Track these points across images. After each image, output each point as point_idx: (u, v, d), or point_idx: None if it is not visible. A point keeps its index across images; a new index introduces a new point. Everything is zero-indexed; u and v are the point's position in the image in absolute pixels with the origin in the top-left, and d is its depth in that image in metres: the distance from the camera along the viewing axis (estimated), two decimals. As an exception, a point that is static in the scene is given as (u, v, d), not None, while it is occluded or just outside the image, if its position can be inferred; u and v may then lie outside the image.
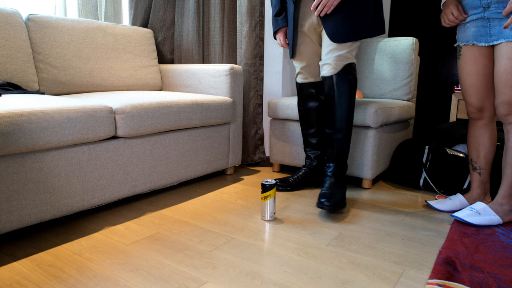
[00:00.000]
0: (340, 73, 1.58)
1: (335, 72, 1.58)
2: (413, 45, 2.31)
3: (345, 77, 1.58)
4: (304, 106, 1.83)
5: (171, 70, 2.28)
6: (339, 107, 1.59)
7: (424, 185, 1.89)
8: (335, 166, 1.63)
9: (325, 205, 1.47)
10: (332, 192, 1.52)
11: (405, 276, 1.06)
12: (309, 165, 1.88)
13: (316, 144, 1.85)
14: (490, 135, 1.54)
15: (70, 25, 1.87)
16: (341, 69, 1.58)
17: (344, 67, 1.58)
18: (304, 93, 1.81)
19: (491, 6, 1.35)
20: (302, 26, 1.71)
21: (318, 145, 1.86)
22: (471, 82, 1.49)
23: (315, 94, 1.80)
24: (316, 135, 1.84)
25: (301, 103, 1.84)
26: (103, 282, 1.00)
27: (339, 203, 1.50)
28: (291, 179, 1.83)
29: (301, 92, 1.82)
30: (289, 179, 1.83)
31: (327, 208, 1.47)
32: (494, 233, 1.35)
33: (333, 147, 1.63)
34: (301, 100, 1.83)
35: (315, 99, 1.81)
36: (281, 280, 1.03)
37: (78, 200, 1.33)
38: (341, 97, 1.59)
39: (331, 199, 1.48)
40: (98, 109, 1.35)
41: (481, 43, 1.41)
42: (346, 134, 1.62)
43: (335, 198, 1.50)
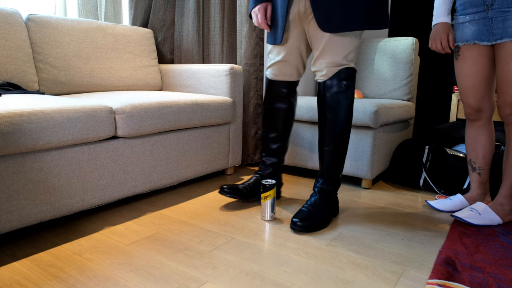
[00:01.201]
0: (333, 78, 1.37)
1: (327, 78, 1.38)
2: (413, 45, 2.31)
3: (339, 83, 1.37)
4: (270, 105, 1.58)
5: (171, 70, 2.28)
6: (330, 117, 1.40)
7: (424, 185, 1.89)
8: (322, 182, 1.45)
9: (296, 225, 1.33)
10: (310, 212, 1.37)
11: (405, 276, 1.06)
12: (262, 172, 1.65)
13: (276, 150, 1.62)
14: (488, 136, 1.53)
15: (70, 25, 1.87)
16: (333, 75, 1.37)
17: (337, 72, 1.37)
18: (273, 91, 1.56)
19: (494, 4, 1.34)
20: (287, 14, 1.43)
21: (277, 152, 1.63)
22: (470, 83, 1.48)
23: (286, 95, 1.56)
24: (278, 141, 1.61)
25: (268, 102, 1.59)
26: (103, 282, 1.00)
27: (316, 225, 1.35)
28: (241, 187, 1.59)
29: (270, 89, 1.57)
30: (239, 187, 1.58)
31: (297, 229, 1.33)
32: (494, 233, 1.35)
33: (322, 159, 1.45)
34: (269, 98, 1.59)
35: (285, 101, 1.57)
36: (281, 280, 1.03)
37: (78, 200, 1.33)
38: (333, 105, 1.39)
39: (306, 220, 1.34)
40: (98, 109, 1.35)
41: (483, 42, 1.40)
42: (337, 148, 1.42)
43: (312, 220, 1.35)
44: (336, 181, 1.47)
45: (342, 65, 1.36)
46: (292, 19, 1.43)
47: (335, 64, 1.36)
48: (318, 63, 1.39)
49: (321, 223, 1.37)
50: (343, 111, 1.39)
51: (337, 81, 1.36)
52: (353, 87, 1.40)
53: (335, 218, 1.51)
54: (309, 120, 2.02)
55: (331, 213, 1.45)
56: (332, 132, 1.40)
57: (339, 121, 1.39)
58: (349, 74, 1.37)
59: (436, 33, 1.48)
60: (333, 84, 1.37)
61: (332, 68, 1.36)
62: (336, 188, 1.48)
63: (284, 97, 1.56)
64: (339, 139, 1.41)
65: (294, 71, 1.52)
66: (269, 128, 1.60)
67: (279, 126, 1.59)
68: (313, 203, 1.41)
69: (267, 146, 1.63)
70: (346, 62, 1.37)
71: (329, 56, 1.36)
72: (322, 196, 1.44)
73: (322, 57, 1.37)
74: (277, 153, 1.63)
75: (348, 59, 1.37)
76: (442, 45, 1.47)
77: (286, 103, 1.57)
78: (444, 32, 1.46)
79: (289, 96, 1.56)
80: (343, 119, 1.39)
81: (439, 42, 1.48)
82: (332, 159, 1.43)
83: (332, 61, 1.36)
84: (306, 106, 2.01)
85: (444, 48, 1.48)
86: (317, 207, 1.40)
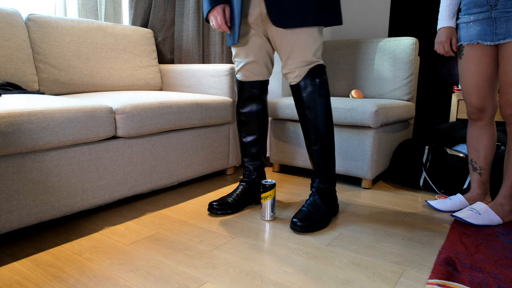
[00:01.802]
0: (306, 78, 1.36)
1: (301, 79, 1.37)
2: (413, 45, 2.31)
3: (312, 82, 1.36)
4: (244, 109, 1.56)
5: (171, 70, 2.28)
6: (311, 117, 1.39)
7: (424, 185, 1.89)
8: (319, 182, 1.45)
9: (296, 225, 1.33)
10: (310, 212, 1.37)
11: (405, 276, 1.06)
12: (248, 178, 1.62)
13: (257, 153, 1.61)
14: (490, 136, 1.53)
15: (70, 25, 1.87)
16: (306, 74, 1.36)
17: (309, 71, 1.36)
18: (246, 94, 1.54)
19: (498, 5, 1.34)
20: (248, 15, 1.41)
21: (258, 155, 1.61)
22: (473, 82, 1.48)
23: (259, 94, 1.55)
24: (257, 143, 1.59)
25: (241, 105, 1.57)
26: (103, 282, 1.00)
27: (316, 225, 1.36)
28: (229, 199, 1.54)
29: (242, 91, 1.55)
30: (228, 200, 1.54)
31: (297, 229, 1.33)
32: (494, 233, 1.35)
33: (313, 161, 1.45)
34: (242, 101, 1.56)
35: (258, 101, 1.56)
36: (281, 280, 1.03)
37: (78, 200, 1.33)
38: (312, 105, 1.38)
39: (305, 220, 1.34)
40: (98, 109, 1.35)
41: (487, 42, 1.41)
42: (325, 145, 1.42)
43: (312, 219, 1.35)
44: (332, 178, 1.47)
45: (312, 62, 1.36)
46: (254, 21, 1.41)
47: (306, 62, 1.35)
48: (289, 65, 1.38)
49: (321, 222, 1.37)
50: (322, 108, 1.38)
51: (310, 81, 1.36)
52: (327, 83, 1.39)
53: (335, 218, 1.51)
54: (309, 120, 2.02)
55: (331, 212, 1.45)
56: (316, 131, 1.40)
57: (320, 119, 1.39)
58: (320, 71, 1.37)
59: (440, 37, 1.52)
60: (307, 84, 1.37)
61: (304, 67, 1.36)
62: (333, 185, 1.47)
63: (257, 97, 1.55)
64: (324, 136, 1.41)
65: (264, 69, 1.51)
66: (246, 132, 1.59)
67: (256, 128, 1.58)
68: (312, 203, 1.41)
69: (248, 150, 1.60)
70: (316, 59, 1.36)
71: (298, 56, 1.35)
72: (321, 195, 1.44)
73: (291, 58, 1.36)
74: (259, 155, 1.62)
75: (317, 56, 1.37)
76: (444, 49, 1.50)
77: (260, 103, 1.56)
78: (447, 36, 1.50)
79: (261, 95, 1.56)
80: (323, 116, 1.39)
81: (442, 46, 1.51)
82: (323, 158, 1.43)
83: (302, 60, 1.35)
84: (306, 106, 2.01)
85: (447, 52, 1.51)
86: (317, 206, 1.40)
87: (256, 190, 1.62)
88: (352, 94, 2.35)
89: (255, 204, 1.64)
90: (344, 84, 2.59)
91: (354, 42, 2.55)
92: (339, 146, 1.96)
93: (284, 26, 1.30)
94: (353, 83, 2.55)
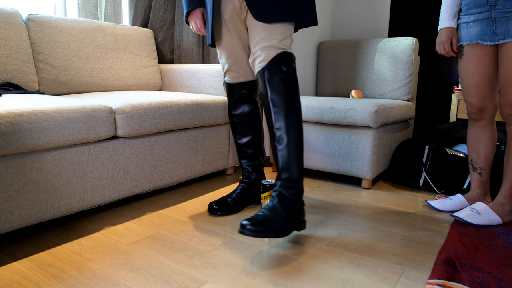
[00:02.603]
0: (271, 64, 1.26)
1: (265, 65, 1.27)
2: (413, 45, 2.31)
3: (277, 68, 1.25)
4: (236, 111, 1.54)
5: (171, 70, 2.28)
6: (275, 109, 1.25)
7: (424, 185, 1.89)
8: (280, 185, 1.23)
9: (245, 228, 1.09)
10: (266, 216, 1.14)
11: (405, 276, 1.06)
12: (248, 179, 1.59)
13: (254, 154, 1.58)
14: (490, 136, 1.54)
15: (70, 25, 1.87)
16: (271, 60, 1.26)
17: (275, 57, 1.26)
18: (235, 95, 1.52)
19: (498, 5, 1.35)
20: (223, 12, 1.37)
21: (255, 155, 1.59)
22: (473, 82, 1.49)
23: (249, 95, 1.51)
24: (253, 144, 1.56)
25: (233, 107, 1.54)
26: (103, 282, 1.00)
27: (271, 231, 1.12)
28: (229, 200, 1.52)
29: (231, 93, 1.52)
30: (227, 200, 1.51)
31: (246, 233, 1.09)
32: (494, 233, 1.35)
33: (276, 159, 1.27)
34: (233, 103, 1.53)
35: (249, 101, 1.53)
36: (281, 280, 1.03)
37: (78, 200, 1.33)
38: (276, 95, 1.25)
39: (257, 224, 1.10)
40: (98, 109, 1.35)
41: (487, 42, 1.41)
42: (290, 143, 1.23)
43: (265, 225, 1.11)
44: (298, 183, 1.24)
45: (279, 48, 1.28)
46: (229, 17, 1.38)
47: (272, 47, 1.27)
48: (254, 50, 1.30)
49: (276, 230, 1.13)
50: (289, 99, 1.25)
51: (276, 67, 1.26)
52: (294, 72, 1.28)
53: (335, 218, 1.51)
54: (309, 120, 2.02)
55: (293, 222, 1.19)
56: (281, 126, 1.24)
57: (286, 111, 1.24)
58: (287, 58, 1.28)
59: (441, 37, 1.52)
60: (273, 71, 1.26)
61: (269, 51, 1.27)
62: (299, 192, 1.24)
63: (248, 98, 1.52)
64: (290, 133, 1.24)
65: (248, 69, 1.48)
66: (240, 134, 1.56)
67: (251, 129, 1.55)
68: (270, 207, 1.19)
69: (244, 152, 1.58)
70: (283, 46, 1.29)
71: (264, 42, 1.28)
72: (281, 201, 1.20)
73: (258, 44, 1.29)
74: (256, 156, 1.59)
75: (285, 44, 1.30)
76: (445, 50, 1.50)
77: (251, 103, 1.53)
78: (447, 36, 1.50)
79: (252, 95, 1.52)
80: (290, 109, 1.25)
81: (443, 46, 1.52)
82: (287, 157, 1.23)
83: (268, 44, 1.27)
84: (306, 106, 2.01)
85: (448, 53, 1.52)
86: (275, 211, 1.17)
87: (256, 190, 1.60)
88: (352, 94, 2.35)
89: (255, 204, 1.63)
90: (344, 84, 2.59)
91: (354, 42, 2.55)
92: (339, 146, 1.96)
93: (266, 20, 1.26)
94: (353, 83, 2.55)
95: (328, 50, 2.65)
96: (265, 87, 1.27)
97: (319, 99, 2.04)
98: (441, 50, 1.53)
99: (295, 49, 2.49)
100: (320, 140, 2.02)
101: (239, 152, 1.60)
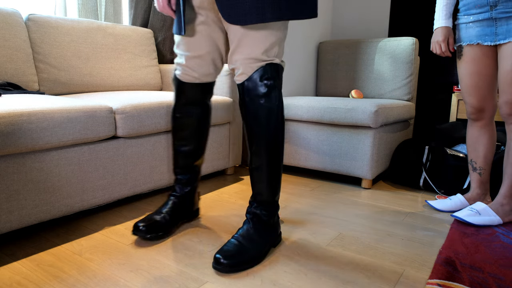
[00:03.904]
0: (252, 79, 1.08)
1: (245, 78, 1.10)
2: (413, 45, 2.31)
3: (259, 84, 1.08)
4: (182, 114, 1.27)
5: (171, 70, 2.28)
6: (255, 129, 1.11)
7: (424, 185, 1.89)
8: (255, 207, 1.17)
9: (220, 264, 1.05)
10: (241, 246, 1.09)
11: (405, 276, 1.06)
12: (180, 192, 1.35)
13: (191, 165, 1.33)
14: (489, 136, 1.54)
15: (70, 25, 1.87)
16: (253, 73, 1.08)
17: (257, 70, 1.08)
18: (185, 96, 1.26)
19: (498, 5, 1.35)
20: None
21: (193, 167, 1.34)
22: (472, 82, 1.49)
23: (201, 98, 1.27)
24: (195, 153, 1.33)
25: (180, 109, 1.27)
26: (103, 282, 1.00)
27: (246, 262, 1.07)
28: (158, 218, 1.27)
29: (181, 92, 1.26)
30: (156, 218, 1.27)
31: (221, 269, 1.05)
32: (494, 233, 1.35)
33: (252, 179, 1.16)
34: (181, 104, 1.27)
35: (200, 105, 1.28)
36: (281, 280, 1.03)
37: (78, 200, 1.33)
38: (256, 114, 1.09)
39: (233, 257, 1.06)
40: (98, 109, 1.35)
41: (487, 43, 1.41)
42: (268, 166, 1.13)
43: (241, 256, 1.07)
44: (273, 205, 1.18)
45: (262, 60, 1.08)
46: (200, 4, 1.14)
47: (253, 59, 1.07)
48: (234, 59, 1.10)
49: (252, 259, 1.09)
50: (269, 119, 1.10)
51: (257, 82, 1.08)
52: (278, 88, 1.11)
53: (335, 218, 1.51)
54: (309, 120, 2.02)
55: (269, 243, 1.16)
56: (260, 147, 1.12)
57: (265, 132, 1.10)
58: (272, 73, 1.09)
59: (437, 37, 1.51)
60: (253, 85, 1.08)
61: (250, 64, 1.08)
62: (274, 213, 1.18)
63: (199, 102, 1.27)
64: (268, 155, 1.12)
65: (210, 68, 1.23)
66: (182, 141, 1.30)
67: (196, 137, 1.30)
68: (245, 233, 1.14)
69: (181, 161, 1.32)
70: (267, 57, 1.08)
71: (245, 51, 1.07)
72: (256, 223, 1.16)
73: (237, 52, 1.08)
74: (193, 167, 1.35)
75: (271, 54, 1.09)
76: (442, 49, 1.50)
77: (202, 107, 1.29)
78: (444, 36, 1.50)
79: (204, 100, 1.28)
80: (270, 129, 1.10)
81: (439, 46, 1.51)
82: (264, 179, 1.14)
83: (249, 56, 1.07)
84: (306, 106, 2.01)
85: (444, 52, 1.51)
86: (250, 238, 1.12)
87: (189, 204, 1.37)
88: (352, 94, 2.35)
89: (187, 221, 1.42)
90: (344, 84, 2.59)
91: (354, 42, 2.55)
92: (339, 146, 1.96)
93: (240, 23, 1.03)
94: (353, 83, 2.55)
95: (328, 50, 2.65)
96: (244, 103, 1.12)
97: (319, 99, 2.04)
98: (437, 49, 1.52)
99: (295, 49, 2.48)
100: (320, 140, 2.02)
101: (176, 161, 1.33)
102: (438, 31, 1.51)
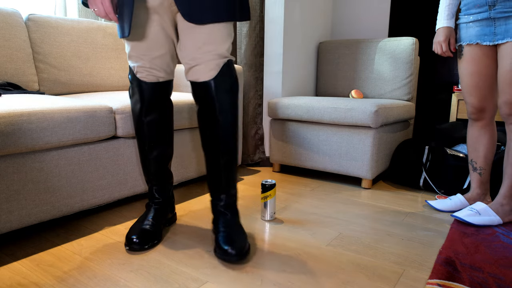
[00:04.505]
0: (220, 76, 1.14)
1: (214, 75, 1.13)
2: (413, 45, 2.31)
3: (227, 80, 1.15)
4: (149, 118, 1.25)
5: (171, 70, 2.27)
6: (223, 123, 1.16)
7: (424, 185, 1.89)
8: (226, 197, 1.21)
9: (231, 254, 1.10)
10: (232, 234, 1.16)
11: (405, 276, 1.06)
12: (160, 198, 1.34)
13: (165, 169, 1.33)
14: (490, 136, 1.54)
15: (70, 25, 1.87)
16: (220, 70, 1.13)
17: (223, 66, 1.14)
18: (150, 98, 1.23)
19: (497, 5, 1.35)
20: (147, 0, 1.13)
21: (167, 170, 1.34)
22: (473, 82, 1.49)
23: (165, 97, 1.28)
24: (165, 156, 1.32)
25: (145, 113, 1.24)
26: (103, 282, 1.00)
27: (244, 247, 1.13)
28: (148, 227, 1.25)
29: (144, 96, 1.23)
30: (146, 228, 1.24)
31: (234, 259, 1.10)
32: (494, 233, 1.35)
33: (221, 175, 1.19)
34: (147, 109, 1.24)
35: (165, 105, 1.28)
36: (281, 280, 1.03)
37: (78, 200, 1.33)
38: (225, 107, 1.15)
39: (235, 244, 1.12)
40: (98, 109, 1.35)
41: (486, 42, 1.41)
42: (233, 155, 1.20)
43: (240, 242, 1.14)
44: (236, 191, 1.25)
45: (226, 57, 1.15)
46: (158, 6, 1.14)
47: (220, 56, 1.14)
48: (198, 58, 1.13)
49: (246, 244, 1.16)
50: (235, 112, 1.18)
51: (225, 78, 1.14)
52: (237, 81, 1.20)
53: (335, 218, 1.51)
54: (309, 120, 2.02)
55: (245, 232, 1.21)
56: (227, 140, 1.17)
57: (231, 124, 1.17)
58: (232, 68, 1.18)
59: (438, 37, 1.52)
60: (222, 81, 1.14)
61: (217, 61, 1.13)
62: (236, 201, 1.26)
63: (163, 102, 1.27)
64: (233, 145, 1.19)
65: (171, 65, 1.25)
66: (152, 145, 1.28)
67: (164, 139, 1.30)
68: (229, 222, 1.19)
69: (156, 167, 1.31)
70: (228, 54, 1.17)
71: (213, 48, 1.12)
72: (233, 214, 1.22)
73: (205, 51, 1.12)
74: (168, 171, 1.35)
75: (229, 51, 1.18)
76: (443, 49, 1.50)
77: (166, 107, 1.29)
78: (445, 36, 1.50)
79: (164, 101, 1.28)
80: (235, 121, 1.18)
81: (440, 46, 1.51)
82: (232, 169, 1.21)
83: (217, 53, 1.13)
84: (306, 106, 2.01)
85: (445, 52, 1.51)
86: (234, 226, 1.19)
87: (170, 209, 1.38)
88: (352, 94, 2.35)
89: (168, 225, 1.39)
90: (344, 84, 2.59)
91: (354, 42, 2.55)
92: (339, 146, 1.96)
93: (198, 21, 1.09)
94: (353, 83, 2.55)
95: (328, 50, 2.65)
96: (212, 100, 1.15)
97: (319, 99, 2.04)
98: (439, 49, 1.53)
99: (295, 49, 2.49)
100: (320, 140, 2.02)
101: (147, 170, 1.31)
102: (440, 31, 1.51)
